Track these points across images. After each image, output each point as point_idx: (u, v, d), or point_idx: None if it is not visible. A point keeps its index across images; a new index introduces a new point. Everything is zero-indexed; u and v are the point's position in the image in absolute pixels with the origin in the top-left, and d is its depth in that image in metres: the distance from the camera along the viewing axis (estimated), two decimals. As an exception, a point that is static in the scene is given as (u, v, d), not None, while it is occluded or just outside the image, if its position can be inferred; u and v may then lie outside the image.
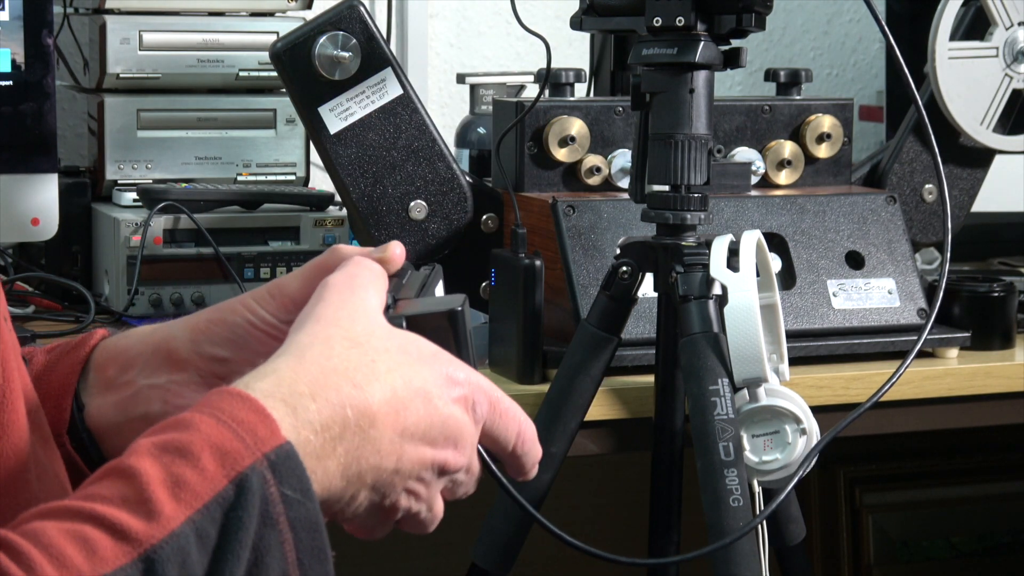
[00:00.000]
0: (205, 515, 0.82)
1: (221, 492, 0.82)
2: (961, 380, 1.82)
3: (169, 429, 0.85)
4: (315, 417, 0.88)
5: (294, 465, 0.85)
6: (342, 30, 1.82)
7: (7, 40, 1.81)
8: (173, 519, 0.80)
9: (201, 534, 0.81)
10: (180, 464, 0.82)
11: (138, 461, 0.82)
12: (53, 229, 1.88)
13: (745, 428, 1.54)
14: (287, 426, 0.86)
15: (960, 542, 2.62)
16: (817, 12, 2.80)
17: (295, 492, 0.85)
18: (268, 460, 0.84)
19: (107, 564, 0.78)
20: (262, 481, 0.84)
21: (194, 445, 0.83)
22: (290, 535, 0.85)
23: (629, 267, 1.61)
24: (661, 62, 1.59)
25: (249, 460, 0.84)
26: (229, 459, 0.83)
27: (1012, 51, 2.00)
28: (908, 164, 2.06)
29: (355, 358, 0.91)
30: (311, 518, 0.86)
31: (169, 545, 0.80)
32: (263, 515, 0.84)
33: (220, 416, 0.85)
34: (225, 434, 0.84)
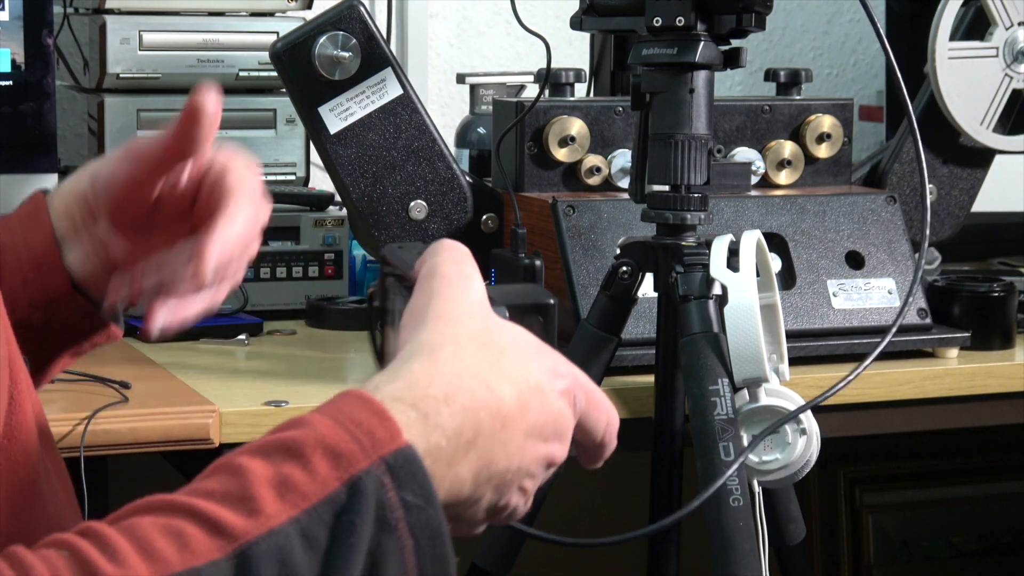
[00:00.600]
0: (312, 516, 0.79)
1: (331, 495, 0.80)
2: (961, 380, 1.83)
3: (286, 428, 0.83)
4: (448, 422, 0.85)
5: (415, 470, 0.82)
6: (342, 30, 1.82)
7: (7, 40, 1.81)
8: (274, 518, 0.78)
9: (307, 535, 0.79)
10: (289, 464, 0.80)
11: (248, 459, 0.81)
12: (53, 229, 1.88)
13: (745, 428, 1.54)
14: (415, 432, 0.84)
15: (960, 542, 2.62)
16: (817, 12, 2.80)
17: (416, 497, 0.82)
18: (386, 464, 0.81)
19: (198, 557, 0.76)
20: (378, 485, 0.81)
21: (306, 446, 0.81)
22: (410, 542, 0.82)
23: (629, 267, 1.61)
24: (661, 62, 1.59)
25: (365, 463, 0.81)
26: (343, 461, 0.81)
27: (1012, 51, 2.00)
28: (908, 164, 2.06)
29: (485, 358, 0.89)
30: (433, 525, 0.83)
31: (266, 543, 0.78)
32: (379, 520, 0.81)
33: (338, 417, 0.83)
34: (341, 436, 0.81)
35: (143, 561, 0.75)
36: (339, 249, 2.00)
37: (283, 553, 0.78)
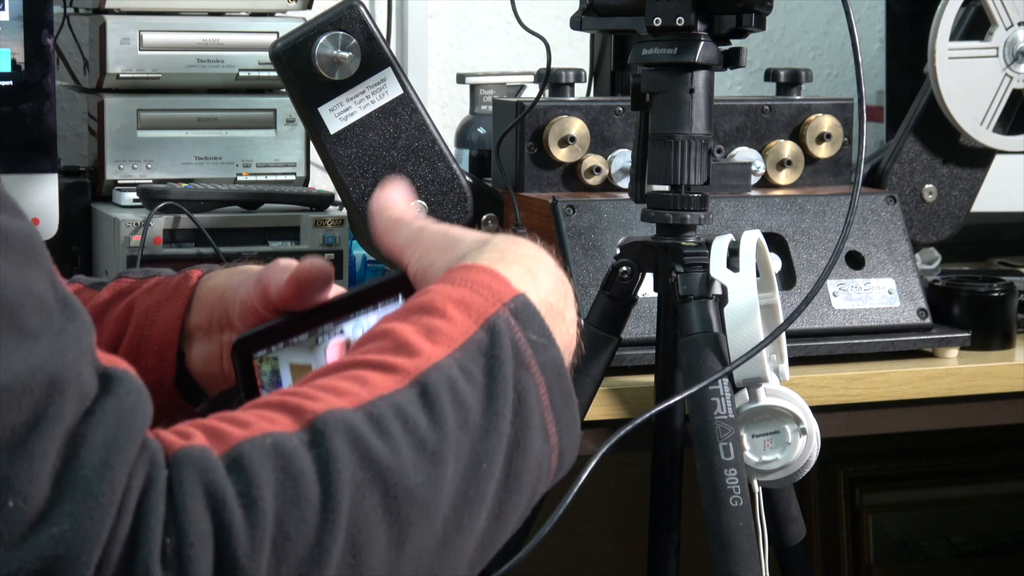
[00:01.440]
0: (465, 354, 0.85)
1: (473, 336, 0.85)
2: (961, 380, 1.83)
3: (414, 299, 0.88)
4: (545, 280, 0.92)
5: (532, 312, 0.88)
6: (342, 30, 1.82)
7: (7, 40, 1.81)
8: (434, 356, 0.84)
9: (465, 370, 0.84)
10: (428, 318, 0.86)
11: (388, 324, 0.86)
12: (53, 229, 1.88)
13: (745, 428, 1.54)
14: (524, 283, 0.90)
15: (960, 542, 2.62)
16: (817, 12, 2.80)
17: (540, 337, 0.88)
18: (509, 309, 0.87)
19: (382, 388, 0.81)
20: (508, 326, 0.86)
21: (436, 302, 0.87)
22: (542, 378, 0.87)
23: (629, 267, 1.61)
24: (661, 62, 1.59)
25: (492, 309, 0.87)
26: (474, 309, 0.86)
27: (1012, 51, 2.00)
28: (908, 164, 2.06)
29: None
30: (557, 362, 0.88)
31: (437, 373, 0.83)
32: (516, 358, 0.86)
33: (455, 281, 0.88)
34: (463, 291, 0.87)
35: (337, 398, 0.80)
36: (339, 249, 2.00)
37: (451, 382, 0.83)
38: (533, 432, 0.86)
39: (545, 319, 0.89)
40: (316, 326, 1.05)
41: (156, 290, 1.10)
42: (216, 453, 0.76)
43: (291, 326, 1.05)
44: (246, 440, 0.76)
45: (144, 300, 1.10)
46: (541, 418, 0.86)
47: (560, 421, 0.88)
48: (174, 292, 1.10)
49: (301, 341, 1.05)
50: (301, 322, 1.06)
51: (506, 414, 0.84)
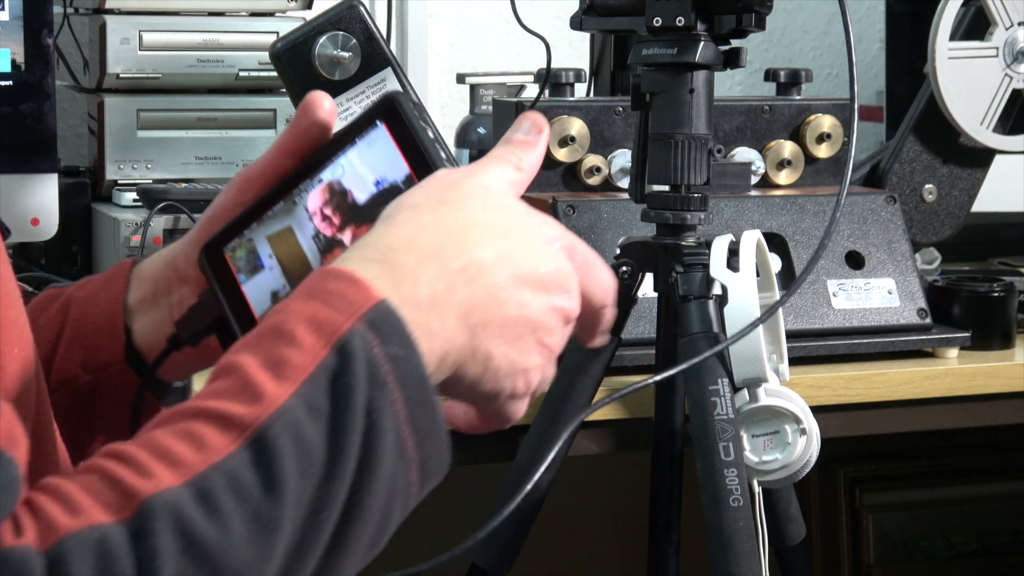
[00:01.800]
0: (311, 387, 0.82)
1: (323, 362, 0.82)
2: (961, 380, 1.83)
3: (267, 319, 0.85)
4: (416, 270, 0.87)
5: (394, 322, 0.85)
6: (342, 30, 1.82)
7: (7, 40, 1.81)
8: (278, 397, 0.81)
9: (311, 406, 0.81)
10: (277, 346, 0.83)
11: (236, 356, 0.83)
12: (53, 229, 1.88)
13: (745, 428, 1.54)
14: (385, 283, 0.86)
15: (960, 542, 2.62)
16: (817, 12, 2.80)
17: (400, 348, 0.84)
18: (367, 321, 0.84)
19: (217, 453, 0.79)
20: (364, 343, 0.83)
21: (287, 324, 0.83)
22: (399, 393, 0.84)
23: (629, 267, 1.61)
24: (661, 62, 1.59)
25: (347, 325, 0.83)
26: (326, 328, 0.83)
27: (1012, 51, 2.00)
28: (908, 164, 2.06)
29: (448, 214, 0.90)
30: (417, 372, 0.85)
31: (277, 422, 0.80)
32: (371, 377, 0.83)
33: (310, 293, 0.85)
34: (317, 307, 0.84)
35: (167, 468, 0.78)
36: (339, 249, 2.00)
37: (294, 428, 0.80)
38: (385, 454, 0.83)
39: (409, 325, 0.85)
40: (290, 191, 1.02)
41: (90, 284, 1.10)
42: (41, 549, 0.75)
43: (262, 204, 1.02)
44: (71, 535, 0.75)
45: (80, 294, 1.10)
46: (397, 435, 0.84)
47: (419, 433, 0.85)
48: (111, 278, 1.10)
49: (276, 211, 1.02)
50: (273, 195, 1.02)
51: (352, 449, 0.82)
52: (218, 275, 1.03)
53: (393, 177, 0.99)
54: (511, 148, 0.98)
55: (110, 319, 1.08)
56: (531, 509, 1.63)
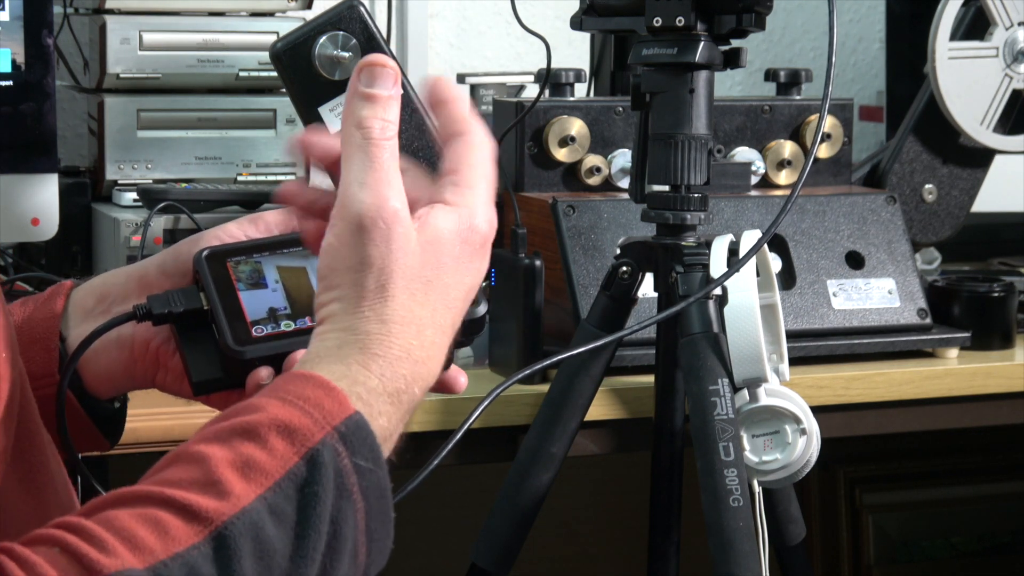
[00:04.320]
0: (278, 493, 0.82)
1: (292, 469, 0.83)
2: (961, 380, 1.83)
3: (236, 414, 0.86)
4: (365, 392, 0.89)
5: (365, 435, 0.86)
6: (342, 30, 1.81)
7: (7, 40, 1.81)
8: (244, 497, 0.81)
9: (275, 511, 0.82)
10: (248, 446, 0.83)
11: (206, 446, 0.83)
12: (53, 229, 1.88)
13: (745, 428, 1.54)
14: (354, 397, 0.88)
15: (960, 542, 2.62)
16: (817, 12, 2.80)
17: (367, 461, 0.86)
18: (339, 433, 0.85)
19: (179, 543, 0.79)
20: (334, 454, 0.85)
21: (261, 427, 0.84)
22: (363, 504, 0.86)
23: (629, 267, 1.61)
24: (661, 62, 1.59)
25: (319, 435, 0.85)
26: (298, 436, 0.84)
27: (1012, 51, 2.00)
28: (908, 164, 2.06)
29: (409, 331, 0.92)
30: (381, 484, 0.87)
31: (240, 521, 0.81)
32: (338, 488, 0.84)
33: (286, 397, 0.86)
34: (292, 413, 0.85)
35: (130, 551, 0.78)
36: (339, 249, 2.00)
37: (256, 529, 0.81)
38: (343, 561, 0.85)
39: (378, 439, 0.87)
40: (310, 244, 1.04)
41: (29, 301, 1.11)
42: None
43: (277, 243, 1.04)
44: None
45: (19, 309, 1.10)
46: (354, 542, 0.85)
47: (372, 542, 0.87)
48: (51, 295, 1.11)
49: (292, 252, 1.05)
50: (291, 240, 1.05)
51: (316, 556, 0.83)
52: (215, 275, 1.03)
53: None
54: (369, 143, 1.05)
55: (46, 331, 1.08)
56: (531, 509, 1.63)
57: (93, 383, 1.09)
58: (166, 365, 1.09)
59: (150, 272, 1.09)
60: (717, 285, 1.51)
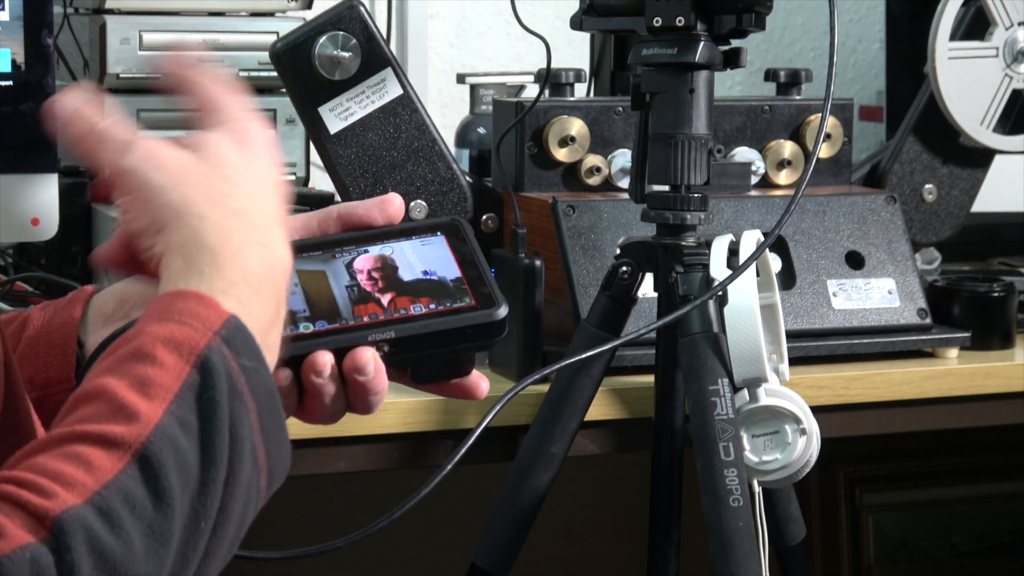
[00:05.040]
0: (180, 404, 0.84)
1: (187, 379, 0.85)
2: (961, 380, 1.83)
3: (120, 344, 0.87)
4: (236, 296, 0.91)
5: (244, 335, 0.88)
6: (342, 30, 1.82)
7: (7, 40, 1.81)
8: (152, 416, 0.83)
9: (183, 423, 0.84)
10: (139, 366, 0.85)
11: (102, 380, 0.85)
12: (53, 229, 1.88)
13: (745, 428, 1.54)
14: (221, 298, 0.89)
15: (960, 542, 2.62)
16: (817, 12, 2.80)
17: (251, 361, 0.88)
18: (221, 337, 0.87)
19: (106, 472, 0.81)
20: (222, 358, 0.86)
21: (146, 346, 0.86)
22: (253, 404, 0.87)
23: (629, 267, 1.61)
24: (661, 62, 1.59)
25: (203, 342, 0.86)
26: (184, 347, 0.86)
27: (1012, 51, 2.00)
28: (908, 164, 2.06)
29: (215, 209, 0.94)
30: (266, 383, 0.89)
31: (156, 439, 0.82)
32: (231, 391, 0.86)
33: (161, 315, 0.88)
34: (172, 327, 0.86)
35: (64, 490, 0.80)
36: (339, 249, 2.00)
37: (172, 443, 0.83)
38: (244, 463, 0.86)
39: (256, 337, 0.89)
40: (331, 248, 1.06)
41: (49, 305, 1.12)
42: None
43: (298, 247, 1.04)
44: (6, 555, 0.77)
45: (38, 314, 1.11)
46: (252, 444, 0.87)
47: (269, 442, 0.88)
48: (71, 300, 1.11)
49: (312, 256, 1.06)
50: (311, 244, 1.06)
51: (222, 461, 0.84)
52: None
53: (443, 275, 1.05)
54: None
55: (64, 336, 1.09)
56: (531, 509, 1.63)
57: None
58: None
59: None
60: (721, 288, 1.51)
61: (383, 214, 1.08)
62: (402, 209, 1.09)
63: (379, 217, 1.08)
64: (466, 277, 1.05)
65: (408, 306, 1.03)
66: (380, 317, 1.02)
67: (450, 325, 1.03)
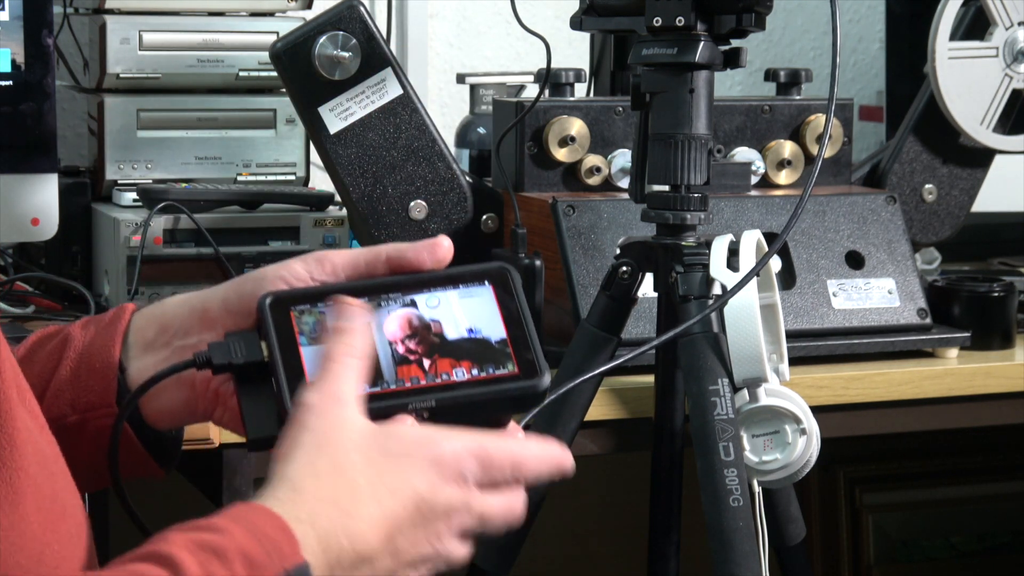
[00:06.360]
0: None
1: None
2: (961, 380, 1.83)
3: (202, 530, 0.89)
4: (315, 545, 0.92)
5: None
6: (342, 30, 1.82)
7: (7, 40, 1.81)
8: None
9: None
10: (216, 564, 0.87)
11: (178, 552, 0.87)
12: (53, 229, 1.88)
13: (745, 428, 1.54)
14: (311, 551, 0.91)
15: (960, 542, 2.62)
16: (817, 12, 2.80)
17: None
18: (287, 574, 0.89)
19: None
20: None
21: (228, 551, 0.88)
22: None
23: (629, 267, 1.61)
24: (661, 62, 1.59)
25: (272, 573, 0.89)
26: (257, 568, 0.88)
27: (1012, 51, 2.00)
28: (908, 164, 2.06)
29: (341, 484, 0.95)
30: None
31: None
32: None
33: (249, 527, 0.90)
34: (254, 545, 0.89)
35: None
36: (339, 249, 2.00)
37: None
38: None
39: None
40: (378, 293, 1.04)
41: (91, 324, 1.12)
42: None
43: (345, 290, 1.03)
44: None
45: (79, 333, 1.11)
46: None
47: None
48: (113, 320, 1.11)
49: None
50: (358, 289, 1.04)
51: None
52: (277, 326, 1.03)
53: (487, 334, 1.03)
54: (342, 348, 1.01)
55: (105, 361, 1.09)
56: (531, 509, 1.63)
57: (153, 417, 1.10)
58: (225, 403, 1.10)
59: (212, 307, 1.09)
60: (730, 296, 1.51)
61: (432, 257, 1.07)
62: (451, 252, 1.07)
63: (428, 260, 1.07)
64: (511, 338, 1.03)
65: (450, 370, 1.01)
66: (422, 382, 1.01)
67: (490, 395, 1.02)
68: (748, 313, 1.51)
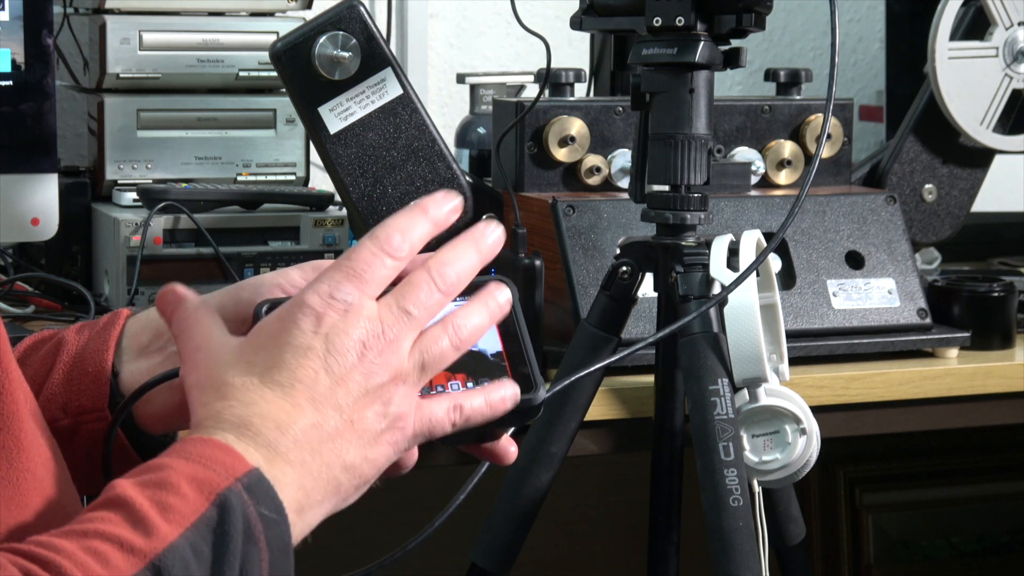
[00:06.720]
0: (196, 534, 0.87)
1: (205, 513, 0.87)
2: (961, 380, 1.83)
3: (143, 472, 0.90)
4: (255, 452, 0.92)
5: (266, 487, 0.90)
6: (342, 30, 1.82)
7: (7, 40, 1.81)
8: (169, 535, 0.86)
9: (196, 550, 0.86)
10: (162, 494, 0.88)
11: (126, 491, 0.88)
12: (53, 229, 1.88)
13: (745, 428, 1.54)
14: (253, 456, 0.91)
15: (960, 542, 2.62)
16: (817, 12, 2.80)
17: (271, 511, 0.90)
18: (242, 483, 0.89)
19: (122, 571, 0.84)
20: (241, 501, 0.89)
21: (171, 477, 0.88)
22: (267, 554, 0.89)
23: (629, 267, 1.61)
24: (661, 62, 1.59)
25: (225, 484, 0.89)
26: (206, 486, 0.88)
27: (1012, 51, 2.00)
28: (908, 164, 2.06)
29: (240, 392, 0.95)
30: (284, 539, 0.91)
31: (170, 555, 0.85)
32: (246, 533, 0.88)
33: (188, 456, 0.90)
34: (197, 468, 0.89)
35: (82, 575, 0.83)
36: (339, 249, 2.00)
37: (184, 564, 0.86)
38: None
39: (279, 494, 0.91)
40: None
41: (85, 328, 1.12)
42: None
43: None
44: None
45: (73, 338, 1.11)
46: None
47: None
48: (107, 324, 1.11)
49: None
50: None
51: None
52: None
53: (483, 347, 1.04)
54: None
55: (98, 365, 1.09)
56: (531, 509, 1.63)
57: (146, 421, 1.10)
58: None
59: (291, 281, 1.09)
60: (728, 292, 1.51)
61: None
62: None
63: None
64: (507, 352, 1.04)
65: (445, 383, 1.02)
66: None
67: None
68: (748, 313, 1.51)
